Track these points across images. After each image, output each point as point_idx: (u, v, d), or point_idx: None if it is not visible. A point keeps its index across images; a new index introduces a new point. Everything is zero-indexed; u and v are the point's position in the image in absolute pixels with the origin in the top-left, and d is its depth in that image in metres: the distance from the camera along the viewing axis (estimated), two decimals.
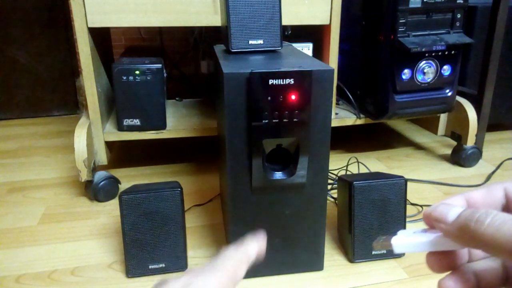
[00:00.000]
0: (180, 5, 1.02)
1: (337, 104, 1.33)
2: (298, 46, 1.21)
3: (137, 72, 1.05)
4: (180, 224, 0.79)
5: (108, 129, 1.13)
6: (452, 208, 0.27)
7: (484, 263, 0.30)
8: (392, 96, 1.16)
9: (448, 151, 1.37)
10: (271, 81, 0.67)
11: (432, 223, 0.28)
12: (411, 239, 0.30)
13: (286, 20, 1.06)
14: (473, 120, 1.26)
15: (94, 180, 1.08)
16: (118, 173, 1.24)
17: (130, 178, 1.23)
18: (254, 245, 0.39)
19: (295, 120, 0.70)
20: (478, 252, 0.30)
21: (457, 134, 1.33)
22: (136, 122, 1.10)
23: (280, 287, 0.79)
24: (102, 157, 1.12)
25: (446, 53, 1.14)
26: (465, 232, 0.25)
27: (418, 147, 1.46)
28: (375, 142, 1.50)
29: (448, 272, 0.30)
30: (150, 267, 0.80)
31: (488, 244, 0.24)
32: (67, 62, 1.78)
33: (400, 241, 0.30)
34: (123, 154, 1.41)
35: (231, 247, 0.35)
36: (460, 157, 1.28)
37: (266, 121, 0.69)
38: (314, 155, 0.74)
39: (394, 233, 0.31)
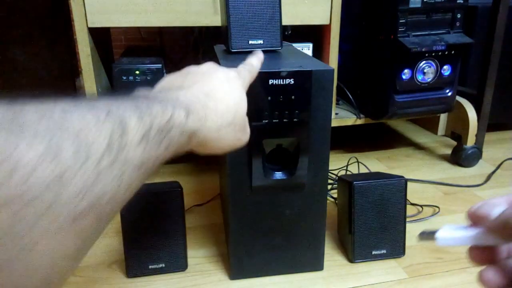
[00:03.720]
0: (180, 5, 1.02)
1: (337, 104, 1.33)
2: (298, 46, 1.21)
3: (137, 72, 1.05)
4: (180, 224, 0.79)
5: None
6: (496, 206, 0.30)
7: None
8: (392, 96, 1.16)
9: (448, 151, 1.37)
10: (271, 81, 0.67)
11: (476, 219, 0.31)
12: (455, 234, 0.32)
13: (286, 20, 1.06)
14: (473, 120, 1.26)
15: None
16: None
17: None
18: (257, 61, 0.58)
19: (295, 120, 0.70)
20: None
21: (457, 134, 1.33)
22: None
23: (280, 287, 0.79)
24: None
25: (446, 53, 1.14)
26: (508, 228, 0.28)
27: (418, 147, 1.46)
28: (375, 142, 1.50)
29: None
30: (150, 267, 0.80)
31: None
32: (67, 62, 1.78)
33: (444, 234, 0.33)
34: None
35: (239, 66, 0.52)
36: (460, 157, 1.28)
37: (266, 121, 0.69)
38: (314, 155, 0.74)
39: (432, 229, 0.34)
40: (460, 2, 1.12)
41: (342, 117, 1.24)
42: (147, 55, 1.18)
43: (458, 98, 1.29)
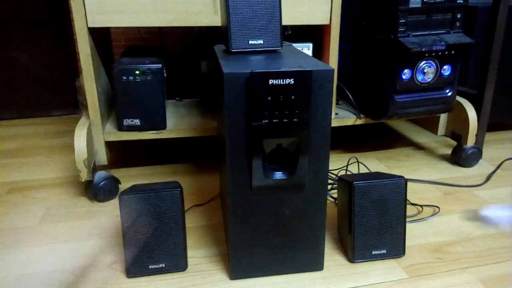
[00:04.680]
0: (180, 5, 1.02)
1: (337, 104, 1.33)
2: (298, 46, 1.21)
3: (137, 72, 1.05)
4: (180, 224, 0.79)
5: (108, 129, 1.13)
6: None
7: None
8: (392, 96, 1.16)
9: (448, 151, 1.37)
10: (271, 81, 0.67)
11: None
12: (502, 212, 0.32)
13: (286, 20, 1.06)
14: (473, 120, 1.26)
15: (94, 180, 1.07)
16: (118, 173, 1.24)
17: (130, 178, 1.23)
18: None
19: (295, 120, 0.70)
20: None
21: (457, 134, 1.33)
22: (136, 122, 1.10)
23: (280, 287, 0.79)
24: (102, 157, 1.12)
25: (446, 53, 1.14)
26: None
27: (418, 147, 1.46)
28: (375, 142, 1.50)
29: None
30: (150, 267, 0.80)
31: None
32: (67, 62, 1.78)
33: (490, 212, 0.32)
34: (123, 154, 1.41)
35: None
36: (460, 157, 1.29)
37: (266, 121, 0.69)
38: (314, 155, 0.74)
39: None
40: (460, 2, 1.12)
41: (342, 117, 1.24)
42: (147, 55, 1.18)
43: (458, 98, 1.29)
